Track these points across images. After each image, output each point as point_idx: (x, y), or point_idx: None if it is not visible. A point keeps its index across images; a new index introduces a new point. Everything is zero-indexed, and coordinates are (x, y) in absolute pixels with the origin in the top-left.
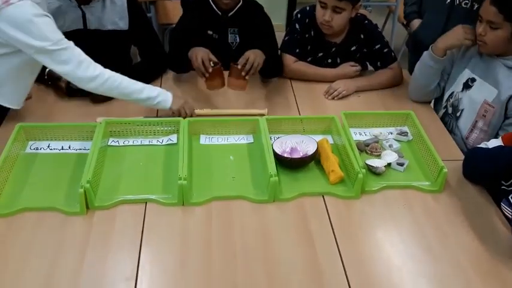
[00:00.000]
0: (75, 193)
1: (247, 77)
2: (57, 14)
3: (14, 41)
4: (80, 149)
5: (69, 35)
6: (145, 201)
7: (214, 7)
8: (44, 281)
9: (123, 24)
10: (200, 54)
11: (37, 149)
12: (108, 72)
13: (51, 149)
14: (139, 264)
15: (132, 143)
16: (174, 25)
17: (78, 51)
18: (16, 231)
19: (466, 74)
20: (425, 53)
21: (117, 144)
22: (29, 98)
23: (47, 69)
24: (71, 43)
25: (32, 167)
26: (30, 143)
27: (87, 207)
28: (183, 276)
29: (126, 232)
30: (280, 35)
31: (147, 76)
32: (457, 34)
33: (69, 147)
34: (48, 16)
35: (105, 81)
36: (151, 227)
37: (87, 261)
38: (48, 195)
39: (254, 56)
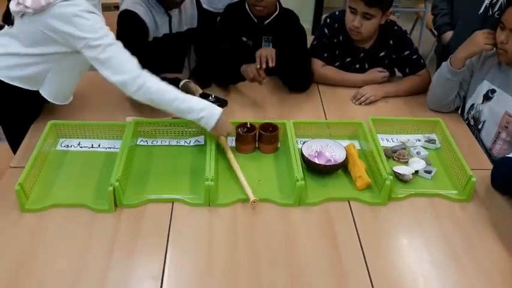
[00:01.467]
0: (104, 191)
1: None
2: (152, 23)
3: (64, 35)
4: (110, 148)
5: (159, 40)
6: (172, 201)
7: (251, 14)
8: (71, 276)
9: (194, 22)
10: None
11: (68, 146)
12: (145, 79)
13: (81, 147)
14: (166, 264)
15: (160, 143)
16: None
17: (125, 55)
18: (46, 226)
19: (486, 85)
20: (443, 64)
21: (145, 144)
22: None
23: None
24: (119, 44)
25: (63, 164)
26: (61, 140)
27: (116, 205)
28: (209, 276)
29: (153, 231)
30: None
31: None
32: (476, 41)
33: (99, 145)
34: (97, 14)
35: (140, 87)
36: (177, 227)
37: (114, 258)
38: (77, 192)
39: (264, 51)
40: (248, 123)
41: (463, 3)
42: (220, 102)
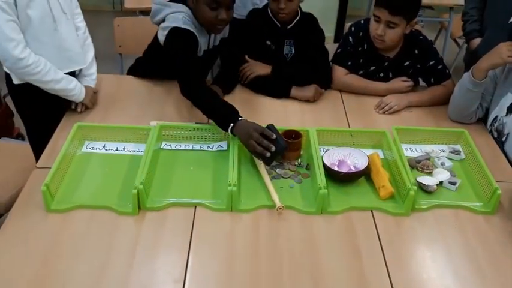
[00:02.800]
0: (128, 193)
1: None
2: (198, 44)
3: None
4: (134, 151)
5: (200, 58)
6: (194, 205)
7: (274, 19)
8: (94, 277)
9: (226, 32)
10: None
11: (93, 148)
12: (32, 58)
13: (106, 150)
14: (188, 267)
15: (183, 148)
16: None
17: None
18: (70, 227)
19: (510, 97)
20: (465, 74)
21: (169, 148)
22: (96, 91)
23: None
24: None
25: (88, 166)
26: (87, 142)
27: (139, 208)
28: (230, 282)
29: (175, 234)
30: (328, 47)
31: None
32: (499, 52)
33: (124, 148)
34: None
35: (27, 66)
36: (200, 231)
37: (137, 261)
38: (101, 194)
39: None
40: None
41: (493, 12)
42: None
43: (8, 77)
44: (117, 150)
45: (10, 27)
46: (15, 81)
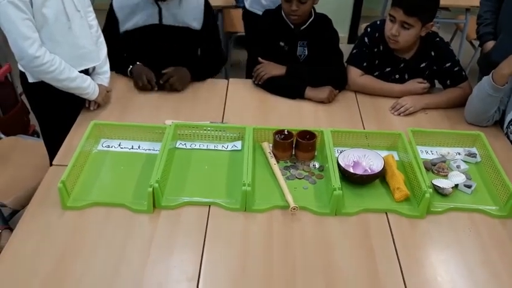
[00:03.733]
0: (143, 192)
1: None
2: (135, 9)
3: None
4: (149, 150)
5: (145, 29)
6: (209, 205)
7: (288, 21)
8: (109, 274)
9: (196, 24)
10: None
11: (108, 146)
12: (47, 56)
13: (121, 148)
14: (202, 266)
15: (198, 147)
16: (239, 34)
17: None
18: (86, 225)
19: None
20: (484, 79)
21: (184, 147)
22: (109, 90)
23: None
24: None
25: (103, 163)
26: (103, 140)
27: (154, 206)
28: (244, 282)
29: (189, 233)
30: (342, 48)
31: (203, 73)
32: None
33: (139, 147)
34: None
35: (42, 64)
36: (214, 230)
37: (152, 258)
38: (117, 192)
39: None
40: (285, 130)
41: (507, 15)
42: None
43: (23, 75)
44: (132, 148)
45: (26, 25)
46: (30, 80)
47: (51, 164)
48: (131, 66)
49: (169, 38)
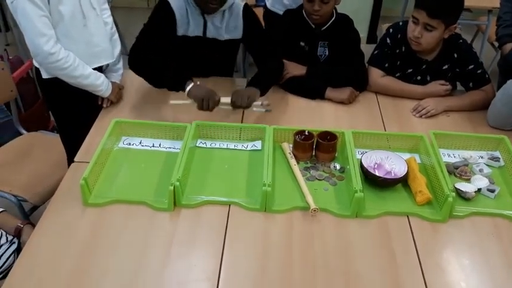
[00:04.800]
0: (164, 190)
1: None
2: (184, 18)
3: None
4: (170, 148)
5: (189, 40)
6: (229, 204)
7: (309, 21)
8: (130, 272)
9: (237, 34)
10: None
11: (129, 144)
12: (62, 53)
13: (142, 146)
14: (222, 266)
15: (218, 146)
16: None
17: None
18: (107, 221)
19: None
20: (509, 82)
21: (204, 145)
22: (121, 87)
23: None
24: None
25: (124, 161)
26: (124, 138)
27: (175, 205)
28: (263, 283)
29: (209, 232)
30: (361, 48)
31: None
32: None
33: (160, 145)
34: None
35: (57, 61)
36: (234, 230)
37: (172, 257)
38: (138, 189)
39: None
40: (306, 131)
41: None
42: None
43: (38, 71)
44: (153, 146)
45: (42, 22)
46: (44, 76)
47: (69, 160)
48: (191, 85)
49: (210, 50)
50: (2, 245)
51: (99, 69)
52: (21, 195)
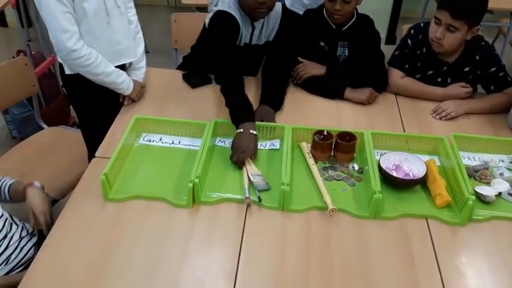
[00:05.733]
0: (183, 186)
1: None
2: (239, 30)
3: None
4: (189, 145)
5: (240, 48)
6: (250, 202)
7: (329, 21)
8: (148, 267)
9: (272, 35)
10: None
11: (150, 141)
12: (85, 50)
13: (162, 142)
14: (239, 263)
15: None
16: None
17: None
18: (127, 216)
19: None
20: None
21: (223, 144)
22: (143, 86)
23: None
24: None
25: (144, 157)
26: (144, 134)
27: (193, 201)
28: (281, 281)
29: (227, 230)
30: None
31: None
32: None
33: (179, 142)
34: None
35: (79, 57)
36: (251, 228)
37: (190, 253)
38: (157, 185)
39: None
40: (325, 131)
41: None
42: None
43: (61, 66)
44: (173, 143)
45: (66, 18)
46: (67, 71)
47: (89, 155)
48: (240, 131)
49: (253, 56)
50: (22, 238)
51: (122, 67)
52: None
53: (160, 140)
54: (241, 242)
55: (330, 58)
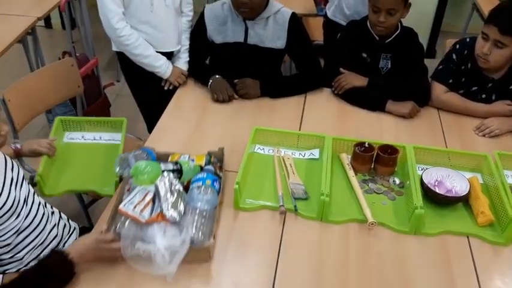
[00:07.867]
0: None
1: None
2: (224, 24)
3: None
4: None
5: (230, 45)
6: (285, 211)
7: (373, 33)
8: (186, 269)
9: (280, 43)
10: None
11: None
12: (126, 31)
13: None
14: (277, 271)
15: (276, 153)
16: (316, 42)
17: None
18: None
19: None
20: None
21: (263, 152)
22: (185, 73)
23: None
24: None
25: None
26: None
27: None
28: None
29: (265, 237)
30: None
31: (298, 89)
32: None
33: None
34: None
35: (119, 36)
36: (289, 237)
37: (229, 258)
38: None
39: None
40: (366, 143)
41: None
42: None
43: (120, 54)
44: None
45: (113, 1)
46: (113, 48)
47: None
48: (211, 81)
49: (251, 56)
50: (63, 238)
51: (168, 54)
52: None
53: None
54: (279, 251)
55: (372, 70)
